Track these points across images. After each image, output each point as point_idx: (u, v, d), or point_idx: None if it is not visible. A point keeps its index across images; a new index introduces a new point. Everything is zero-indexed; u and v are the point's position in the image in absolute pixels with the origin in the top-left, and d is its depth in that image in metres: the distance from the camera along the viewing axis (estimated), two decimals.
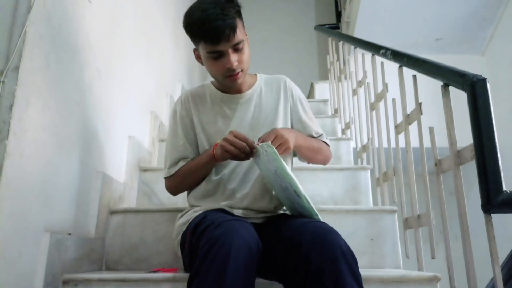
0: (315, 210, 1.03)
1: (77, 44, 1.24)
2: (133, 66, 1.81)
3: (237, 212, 1.14)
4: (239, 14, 1.09)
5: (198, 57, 1.18)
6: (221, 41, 1.04)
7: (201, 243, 0.90)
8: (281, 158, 0.98)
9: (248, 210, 1.16)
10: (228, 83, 1.15)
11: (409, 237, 1.48)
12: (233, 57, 1.07)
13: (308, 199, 1.01)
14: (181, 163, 1.21)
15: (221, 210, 1.12)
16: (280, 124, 1.22)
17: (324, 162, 1.30)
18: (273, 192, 1.18)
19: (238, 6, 1.09)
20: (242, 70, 1.12)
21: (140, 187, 1.77)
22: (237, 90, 1.22)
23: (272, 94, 1.25)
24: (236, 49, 1.08)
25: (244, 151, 1.02)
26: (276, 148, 1.00)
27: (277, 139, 1.05)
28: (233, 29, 1.04)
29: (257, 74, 1.29)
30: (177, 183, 1.23)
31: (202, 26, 1.04)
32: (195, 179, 1.21)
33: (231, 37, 1.04)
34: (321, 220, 1.02)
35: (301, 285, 0.89)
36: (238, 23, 1.07)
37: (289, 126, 1.26)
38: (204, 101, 1.24)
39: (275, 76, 1.29)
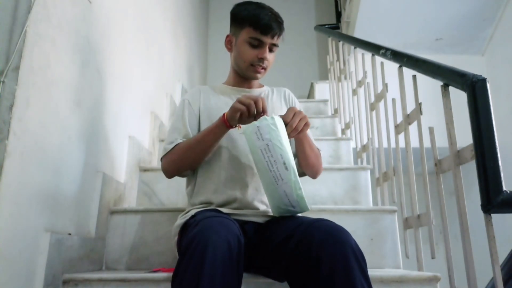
0: (300, 184, 1.01)
1: (77, 44, 1.24)
2: (133, 66, 1.81)
3: (234, 212, 1.14)
4: (283, 30, 1.24)
5: (228, 43, 1.29)
6: (268, 34, 1.19)
7: (182, 243, 0.90)
8: (278, 129, 0.99)
9: (247, 209, 1.16)
10: (250, 73, 1.25)
11: (409, 237, 1.48)
12: (268, 52, 1.21)
13: (296, 172, 1.01)
14: (179, 141, 1.20)
15: (214, 210, 1.12)
16: None
17: (318, 170, 1.25)
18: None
19: (284, 26, 1.24)
20: (265, 68, 1.24)
21: (140, 187, 1.77)
22: (248, 87, 1.32)
23: (278, 98, 1.35)
24: (271, 49, 1.23)
25: (249, 109, 1.03)
26: (298, 122, 1.04)
27: (297, 115, 1.05)
28: (280, 32, 1.21)
29: (264, 85, 1.39)
30: (175, 158, 1.17)
31: (259, 16, 1.19)
32: (197, 152, 1.15)
33: (275, 36, 1.20)
34: (304, 196, 1.02)
35: (310, 283, 0.89)
36: (282, 33, 1.24)
37: None
38: (214, 92, 1.32)
39: (278, 87, 1.40)
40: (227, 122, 1.08)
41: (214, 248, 0.83)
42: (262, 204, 1.19)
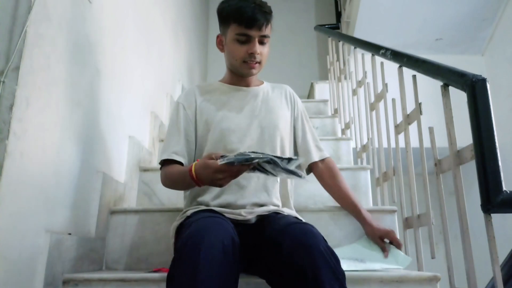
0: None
1: (77, 44, 1.24)
2: (133, 66, 1.81)
3: (228, 212, 1.14)
4: (271, 18, 1.20)
5: (219, 43, 1.26)
6: (253, 27, 1.14)
7: (177, 244, 0.90)
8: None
9: (242, 209, 1.15)
10: (244, 70, 1.21)
11: (409, 237, 1.48)
12: (257, 46, 1.17)
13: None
14: (172, 155, 1.19)
15: (209, 210, 1.12)
16: (282, 121, 1.26)
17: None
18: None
19: (271, 15, 1.19)
20: (259, 63, 1.20)
21: (140, 187, 1.77)
22: (245, 85, 1.29)
23: (278, 95, 1.32)
24: (261, 41, 1.18)
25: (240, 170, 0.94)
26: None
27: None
28: (267, 21, 1.16)
29: (264, 81, 1.36)
30: (167, 184, 1.21)
31: (241, 10, 1.14)
32: (180, 188, 1.20)
33: (262, 27, 1.16)
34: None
35: (285, 284, 0.89)
36: (270, 23, 1.19)
37: (291, 127, 1.31)
38: (210, 92, 1.29)
39: (279, 84, 1.37)
40: (198, 183, 1.01)
41: (208, 248, 0.83)
42: (257, 206, 1.17)
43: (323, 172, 1.33)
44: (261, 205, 1.18)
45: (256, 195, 1.18)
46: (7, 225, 0.91)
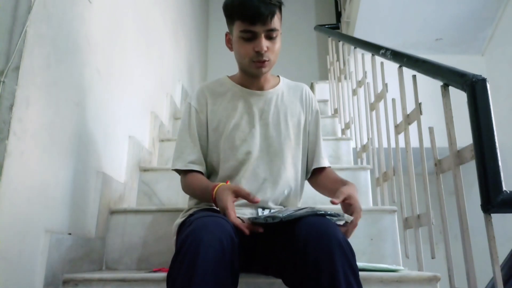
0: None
1: (77, 44, 1.24)
2: (133, 66, 1.81)
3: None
4: (280, 8, 1.10)
5: (228, 42, 1.18)
6: (257, 22, 1.05)
7: (177, 242, 0.90)
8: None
9: (246, 208, 1.15)
10: (253, 70, 1.13)
11: (409, 237, 1.48)
12: (264, 42, 1.08)
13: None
14: (190, 165, 1.17)
15: (212, 210, 1.11)
16: (295, 130, 1.22)
17: None
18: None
19: (280, 2, 1.10)
20: (269, 60, 1.12)
21: (140, 187, 1.77)
22: (259, 87, 1.21)
23: (293, 99, 1.25)
24: (269, 36, 1.09)
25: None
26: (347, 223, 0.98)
27: (359, 214, 1.01)
28: (272, 14, 1.06)
29: (280, 77, 1.28)
30: (187, 192, 1.21)
31: (243, 4, 1.06)
32: (203, 200, 1.19)
33: (267, 21, 1.06)
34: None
35: (299, 277, 0.88)
36: (277, 13, 1.09)
37: (302, 135, 1.25)
38: (221, 94, 1.21)
39: (297, 83, 1.30)
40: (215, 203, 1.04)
41: (206, 247, 0.82)
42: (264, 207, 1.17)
43: (323, 178, 1.27)
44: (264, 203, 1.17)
45: (266, 204, 1.17)
46: (7, 225, 0.91)
